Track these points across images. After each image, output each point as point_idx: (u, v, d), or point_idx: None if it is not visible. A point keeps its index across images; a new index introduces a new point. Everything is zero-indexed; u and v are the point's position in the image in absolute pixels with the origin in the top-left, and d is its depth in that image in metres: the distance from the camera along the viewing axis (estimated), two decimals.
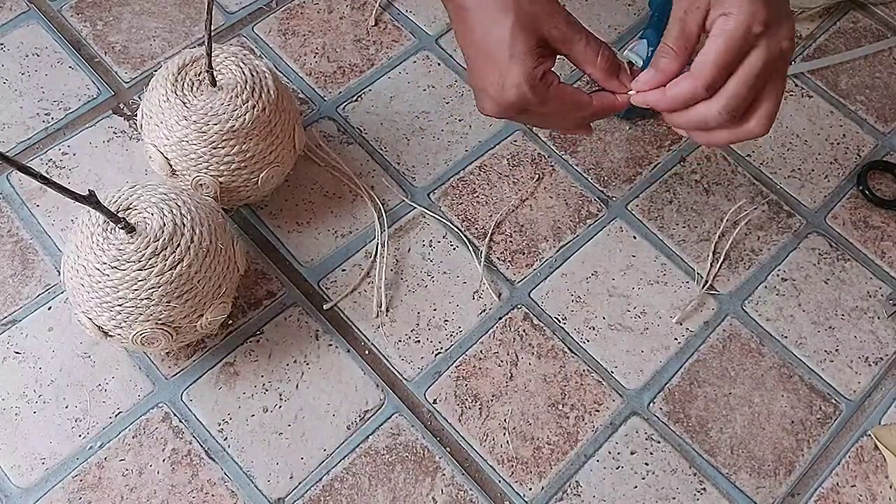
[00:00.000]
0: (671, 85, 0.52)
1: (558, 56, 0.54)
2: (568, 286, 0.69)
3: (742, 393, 0.65)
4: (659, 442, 0.63)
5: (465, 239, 0.70)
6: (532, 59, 0.52)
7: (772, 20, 0.50)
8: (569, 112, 0.55)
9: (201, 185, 0.62)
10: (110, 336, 0.57)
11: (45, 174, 0.48)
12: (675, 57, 0.52)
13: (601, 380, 0.65)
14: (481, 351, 0.65)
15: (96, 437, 0.60)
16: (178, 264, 0.55)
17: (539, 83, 0.53)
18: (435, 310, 0.67)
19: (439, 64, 0.79)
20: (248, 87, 0.61)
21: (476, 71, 0.55)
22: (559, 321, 0.67)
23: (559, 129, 0.58)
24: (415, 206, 0.71)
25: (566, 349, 0.66)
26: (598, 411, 0.64)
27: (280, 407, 0.62)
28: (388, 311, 0.66)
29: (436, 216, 0.71)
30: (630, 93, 0.54)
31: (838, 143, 0.78)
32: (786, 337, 0.68)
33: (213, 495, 0.59)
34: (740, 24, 0.49)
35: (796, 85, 0.81)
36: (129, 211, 0.56)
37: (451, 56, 0.79)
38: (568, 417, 0.63)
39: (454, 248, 0.70)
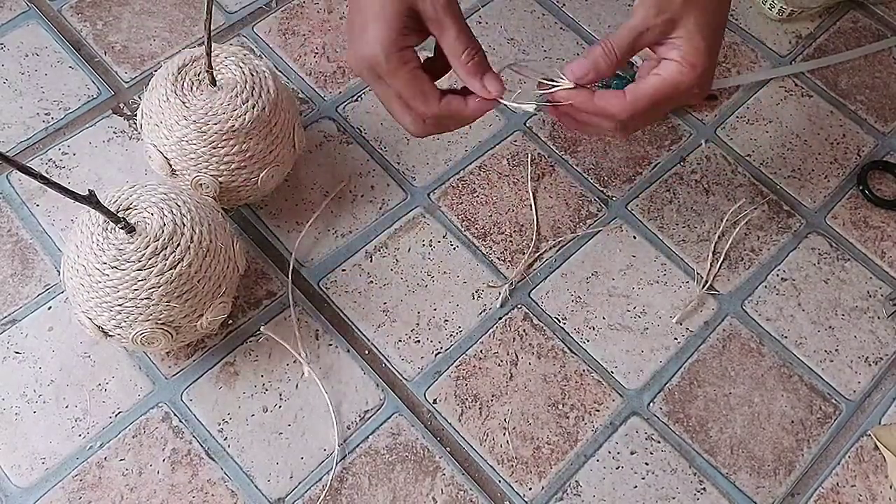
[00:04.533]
0: (601, 98, 0.53)
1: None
2: (568, 286, 0.69)
3: (742, 393, 0.65)
4: (659, 442, 0.63)
5: (465, 239, 0.70)
6: (396, 26, 0.51)
7: (706, 84, 0.53)
8: (411, 98, 0.53)
9: (201, 184, 0.62)
10: (110, 336, 0.57)
11: (45, 174, 0.48)
12: (613, 64, 0.52)
13: (601, 380, 0.65)
14: (481, 351, 0.65)
15: (96, 436, 0.60)
16: (178, 264, 0.55)
17: (394, 53, 0.51)
18: (435, 310, 0.67)
19: None
20: (247, 87, 0.61)
21: (349, 18, 0.53)
22: (559, 321, 0.67)
23: (401, 122, 0.57)
24: (415, 206, 0.71)
25: (566, 349, 0.66)
26: (598, 411, 0.64)
27: (280, 407, 0.62)
28: (389, 310, 0.66)
29: (436, 216, 0.71)
30: (566, 85, 0.53)
31: (838, 143, 0.78)
32: (786, 337, 0.68)
33: (213, 495, 0.59)
34: (687, 81, 0.51)
35: (796, 85, 0.81)
36: (129, 211, 0.56)
37: None
38: (568, 417, 0.63)
39: (454, 248, 0.70)
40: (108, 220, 0.54)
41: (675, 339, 0.67)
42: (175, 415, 0.61)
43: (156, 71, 0.64)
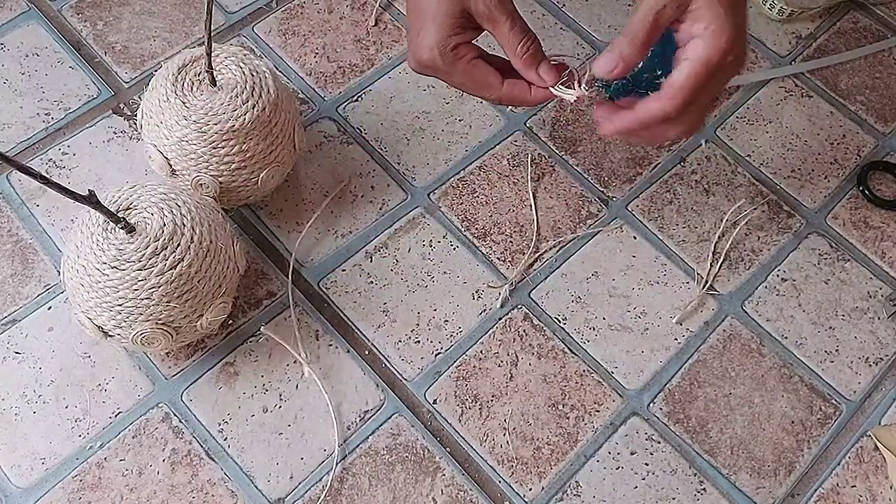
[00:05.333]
0: (641, 109, 0.52)
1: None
2: (568, 286, 0.69)
3: (742, 393, 0.65)
4: (659, 442, 0.63)
5: (465, 239, 0.70)
6: (449, 27, 0.53)
7: (740, 51, 0.50)
8: (475, 89, 0.56)
9: (201, 185, 0.62)
10: (110, 336, 0.57)
11: (45, 174, 0.48)
12: (637, 49, 0.51)
13: (601, 380, 0.65)
14: (481, 351, 0.65)
15: (96, 437, 0.60)
16: (178, 264, 0.55)
17: (449, 52, 0.54)
18: (435, 310, 0.67)
19: None
20: (248, 87, 0.61)
21: (409, 24, 0.56)
22: (559, 321, 0.67)
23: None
24: (415, 206, 0.71)
25: (566, 349, 0.66)
26: (598, 411, 0.64)
27: (280, 407, 0.62)
28: (388, 310, 0.66)
29: (436, 216, 0.71)
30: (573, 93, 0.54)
31: (838, 144, 0.78)
32: (786, 337, 0.68)
33: (213, 495, 0.59)
34: (717, 52, 0.49)
35: (796, 85, 0.81)
36: (129, 211, 0.56)
37: None
38: (568, 418, 0.63)
39: (454, 248, 0.70)
40: (108, 220, 0.54)
41: (676, 339, 0.67)
42: (175, 415, 0.61)
43: (156, 71, 0.64)
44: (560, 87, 0.55)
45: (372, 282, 0.67)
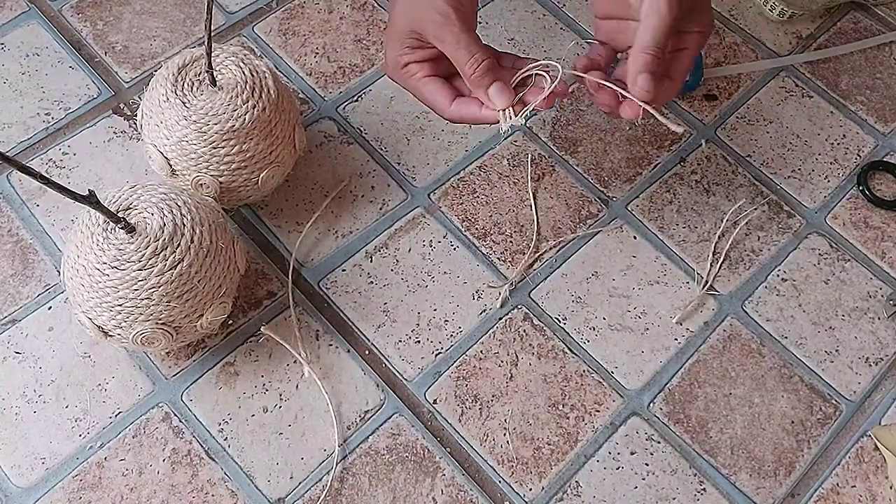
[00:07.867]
0: (622, 72, 0.55)
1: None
2: (568, 286, 0.69)
3: (742, 393, 0.65)
4: (659, 442, 0.63)
5: (465, 239, 0.70)
6: (400, 45, 0.56)
7: None
8: (427, 105, 0.58)
9: (201, 185, 0.62)
10: (110, 336, 0.57)
11: (45, 174, 0.48)
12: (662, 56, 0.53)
13: (601, 380, 0.65)
14: (481, 351, 0.65)
15: (96, 436, 0.60)
16: (178, 264, 0.55)
17: (400, 70, 0.57)
18: (435, 310, 0.67)
19: None
20: (248, 87, 0.61)
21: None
22: (559, 321, 0.67)
23: None
24: (415, 206, 0.71)
25: (566, 349, 0.66)
26: (598, 411, 0.64)
27: (280, 407, 0.62)
28: (388, 310, 0.66)
29: (436, 216, 0.71)
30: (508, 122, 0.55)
31: (838, 144, 0.78)
32: (786, 337, 0.68)
33: (213, 495, 0.59)
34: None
35: (796, 85, 0.81)
36: (129, 211, 0.56)
37: None
38: (568, 418, 0.63)
39: (454, 248, 0.70)
40: (109, 221, 0.54)
41: (676, 339, 0.67)
42: (175, 415, 0.61)
43: (156, 71, 0.64)
44: (509, 111, 0.55)
45: (372, 282, 0.67)
